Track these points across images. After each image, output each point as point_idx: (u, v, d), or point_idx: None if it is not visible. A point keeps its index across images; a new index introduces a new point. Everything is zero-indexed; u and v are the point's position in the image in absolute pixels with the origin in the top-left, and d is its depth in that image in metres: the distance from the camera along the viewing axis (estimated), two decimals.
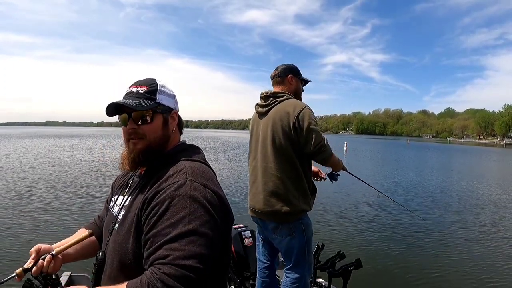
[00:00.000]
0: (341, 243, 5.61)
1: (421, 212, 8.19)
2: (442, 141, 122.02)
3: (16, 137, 50.18)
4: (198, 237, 0.85)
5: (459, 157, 33.47)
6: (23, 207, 7.40)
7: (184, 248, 0.82)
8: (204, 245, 0.84)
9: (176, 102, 1.17)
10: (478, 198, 10.16)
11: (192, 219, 0.86)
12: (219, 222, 0.93)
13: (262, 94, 2.38)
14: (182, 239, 0.83)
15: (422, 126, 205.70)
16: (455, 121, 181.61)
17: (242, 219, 3.70)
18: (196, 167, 1.02)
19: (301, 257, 2.22)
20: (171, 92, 1.15)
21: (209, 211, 0.90)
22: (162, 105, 1.09)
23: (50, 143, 34.38)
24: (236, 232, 2.95)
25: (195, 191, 0.91)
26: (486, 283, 4.34)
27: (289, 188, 2.15)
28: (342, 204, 8.67)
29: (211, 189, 0.97)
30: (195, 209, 0.88)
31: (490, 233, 6.54)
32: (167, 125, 1.11)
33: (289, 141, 2.16)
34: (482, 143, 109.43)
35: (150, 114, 1.07)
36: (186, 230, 0.85)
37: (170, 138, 1.13)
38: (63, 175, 12.23)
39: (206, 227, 0.87)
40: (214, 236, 0.89)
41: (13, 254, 4.69)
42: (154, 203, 0.92)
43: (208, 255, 0.84)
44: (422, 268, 4.75)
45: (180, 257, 0.81)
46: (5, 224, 6.11)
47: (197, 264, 0.81)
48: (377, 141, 77.74)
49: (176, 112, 1.16)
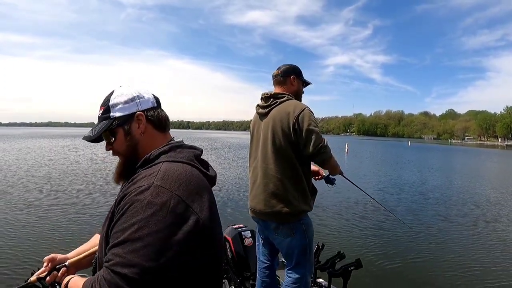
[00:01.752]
0: (341, 243, 5.61)
1: (421, 211, 8.22)
2: (444, 142, 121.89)
3: (19, 137, 50.26)
4: (143, 246, 0.80)
5: (460, 158, 33.44)
6: (34, 207, 7.47)
7: (125, 255, 0.80)
8: (146, 256, 0.80)
9: (140, 102, 1.08)
10: (478, 198, 10.15)
11: (142, 227, 0.82)
12: (180, 231, 0.85)
13: (262, 95, 2.38)
14: (126, 246, 0.81)
15: (423, 128, 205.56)
16: (456, 123, 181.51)
17: (242, 219, 3.73)
18: (172, 169, 0.95)
19: (302, 257, 2.22)
20: (128, 96, 1.07)
21: (165, 219, 0.83)
22: (118, 117, 1.06)
23: (58, 143, 34.63)
24: (236, 232, 2.96)
25: (156, 197, 0.86)
26: (486, 284, 4.34)
27: (289, 189, 2.16)
28: (342, 204, 8.68)
29: (180, 195, 0.89)
30: (148, 217, 0.83)
31: (491, 234, 6.53)
32: (129, 134, 1.06)
33: (289, 142, 2.16)
34: (484, 144, 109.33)
35: (108, 135, 1.07)
36: (133, 237, 0.81)
37: (140, 143, 1.07)
38: (73, 176, 12.28)
39: (155, 236, 0.81)
40: (166, 247, 0.82)
41: (23, 256, 4.72)
42: (119, 206, 0.90)
43: (149, 267, 0.79)
44: (422, 268, 4.76)
45: (118, 264, 0.79)
46: (20, 223, 6.22)
47: (133, 274, 0.78)
48: (378, 143, 77.72)
49: (142, 113, 1.07)
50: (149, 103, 1.10)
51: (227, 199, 8.84)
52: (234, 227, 3.03)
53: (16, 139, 44.29)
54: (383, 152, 37.47)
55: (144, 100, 1.09)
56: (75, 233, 5.76)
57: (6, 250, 4.88)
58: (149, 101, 1.10)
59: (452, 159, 32.21)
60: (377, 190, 11.15)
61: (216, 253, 1.00)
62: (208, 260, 0.95)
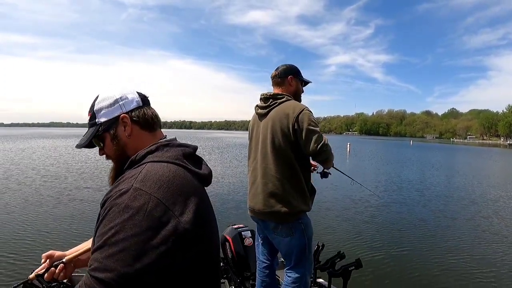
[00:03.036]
0: (341, 243, 5.61)
1: (422, 211, 8.20)
2: (446, 141, 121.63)
3: (23, 137, 50.50)
4: (119, 251, 0.79)
5: (463, 157, 33.30)
6: (40, 205, 7.54)
7: (102, 260, 0.80)
8: (122, 261, 0.79)
9: (123, 102, 1.06)
10: (479, 197, 10.11)
11: (118, 231, 0.81)
12: (158, 236, 0.83)
13: (262, 95, 2.39)
14: (103, 251, 0.80)
15: (425, 127, 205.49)
16: (458, 122, 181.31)
17: (242, 219, 3.73)
18: (154, 170, 0.93)
19: (302, 257, 2.24)
20: (111, 99, 1.06)
21: (141, 223, 0.82)
22: (103, 123, 1.05)
23: (62, 143, 34.85)
24: (236, 232, 2.97)
25: (134, 200, 0.84)
26: (487, 284, 4.33)
27: (287, 189, 2.17)
28: (342, 204, 8.68)
29: (159, 198, 0.86)
30: (125, 221, 0.81)
31: (492, 234, 6.51)
32: (116, 138, 1.05)
33: (288, 143, 2.17)
34: (486, 143, 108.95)
35: (96, 141, 1.07)
36: (110, 242, 0.81)
37: (128, 145, 1.06)
38: (78, 175, 12.41)
39: (131, 241, 0.80)
40: (143, 251, 0.80)
41: (25, 252, 4.80)
42: (102, 209, 0.90)
43: (124, 273, 0.78)
44: (423, 268, 4.75)
45: (96, 269, 0.80)
46: (21, 221, 6.28)
47: (109, 279, 0.78)
48: (380, 142, 77.60)
49: (126, 115, 1.05)
50: (133, 103, 1.07)
51: (227, 199, 8.85)
52: (234, 227, 3.04)
53: (19, 139, 44.50)
54: (385, 152, 37.42)
55: (127, 101, 1.07)
56: (79, 231, 5.82)
57: (8, 247, 4.95)
58: (133, 101, 1.08)
59: (455, 158, 32.11)
60: (383, 191, 11.10)
61: (204, 255, 0.97)
62: (190, 264, 0.91)
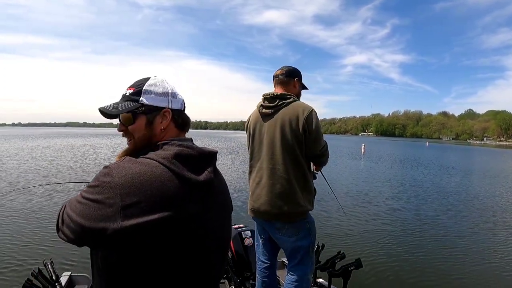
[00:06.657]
0: (341, 243, 5.59)
1: (422, 211, 8.20)
2: (462, 143, 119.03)
3: (40, 137, 51.24)
4: (78, 202, 0.91)
5: (479, 158, 32.66)
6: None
7: (73, 201, 0.93)
8: (72, 208, 0.91)
9: (172, 99, 1.09)
10: (483, 199, 9.99)
11: (85, 190, 0.92)
12: (117, 203, 0.86)
13: (266, 95, 2.34)
14: (78, 196, 0.93)
15: (442, 128, 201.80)
16: (475, 123, 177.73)
17: (242, 219, 3.77)
18: (132, 162, 0.94)
19: (306, 256, 2.26)
20: (164, 90, 1.08)
21: (93, 193, 0.90)
22: (146, 105, 1.06)
23: (89, 142, 36.21)
24: (236, 232, 3.00)
25: (103, 176, 0.92)
26: (487, 284, 4.31)
27: (296, 189, 2.18)
28: (342, 204, 8.60)
29: (119, 190, 0.87)
30: (90, 186, 0.92)
31: (493, 234, 6.45)
32: (151, 125, 1.07)
33: (298, 143, 2.18)
34: (503, 145, 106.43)
35: (129, 116, 1.07)
36: (80, 194, 0.93)
37: (156, 137, 1.07)
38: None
39: (83, 202, 0.90)
40: (97, 213, 0.86)
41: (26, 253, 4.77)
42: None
43: (74, 220, 0.88)
44: (423, 268, 4.72)
45: (69, 204, 0.94)
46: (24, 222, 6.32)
47: (66, 215, 0.92)
48: (396, 143, 76.54)
49: (168, 110, 1.07)
50: (179, 104, 1.11)
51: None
52: (234, 227, 3.05)
53: (40, 138, 45.34)
54: (401, 152, 36.91)
55: (175, 100, 1.10)
56: None
57: (10, 246, 4.98)
58: (179, 102, 1.12)
59: (472, 159, 31.50)
60: (383, 191, 10.93)
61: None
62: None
